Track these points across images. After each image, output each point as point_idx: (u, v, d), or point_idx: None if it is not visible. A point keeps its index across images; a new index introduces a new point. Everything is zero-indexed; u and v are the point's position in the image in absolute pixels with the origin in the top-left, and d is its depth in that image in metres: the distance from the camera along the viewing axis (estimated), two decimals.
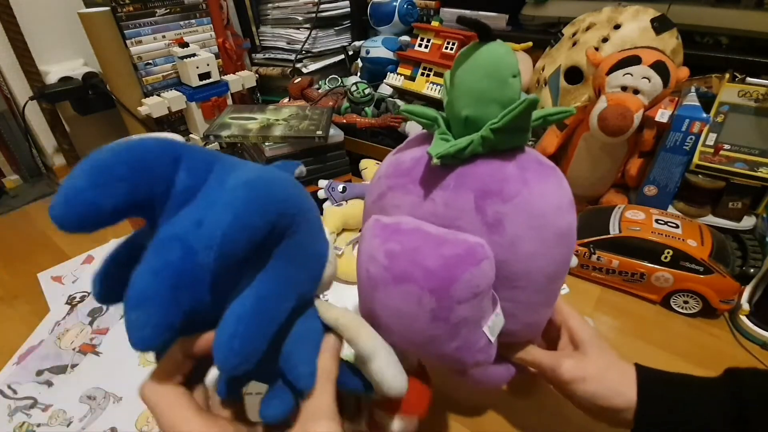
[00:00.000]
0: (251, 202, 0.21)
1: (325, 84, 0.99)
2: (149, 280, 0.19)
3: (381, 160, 0.77)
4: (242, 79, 1.02)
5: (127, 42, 0.88)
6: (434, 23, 0.87)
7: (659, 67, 0.58)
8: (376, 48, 0.96)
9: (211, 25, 1.01)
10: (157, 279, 0.19)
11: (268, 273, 0.23)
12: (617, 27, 0.65)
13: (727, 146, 0.58)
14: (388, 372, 0.28)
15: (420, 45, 0.83)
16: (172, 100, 0.91)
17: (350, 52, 1.14)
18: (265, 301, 0.22)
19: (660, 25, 0.63)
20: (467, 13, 0.90)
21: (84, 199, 0.18)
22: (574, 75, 0.71)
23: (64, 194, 0.18)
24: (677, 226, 0.54)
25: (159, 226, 0.21)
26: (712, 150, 0.59)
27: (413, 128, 0.79)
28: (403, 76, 0.83)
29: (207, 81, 0.94)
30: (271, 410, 0.26)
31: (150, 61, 0.92)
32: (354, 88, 0.87)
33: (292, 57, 1.09)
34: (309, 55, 1.11)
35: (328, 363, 0.27)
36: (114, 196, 0.19)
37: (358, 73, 1.05)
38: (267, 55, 1.17)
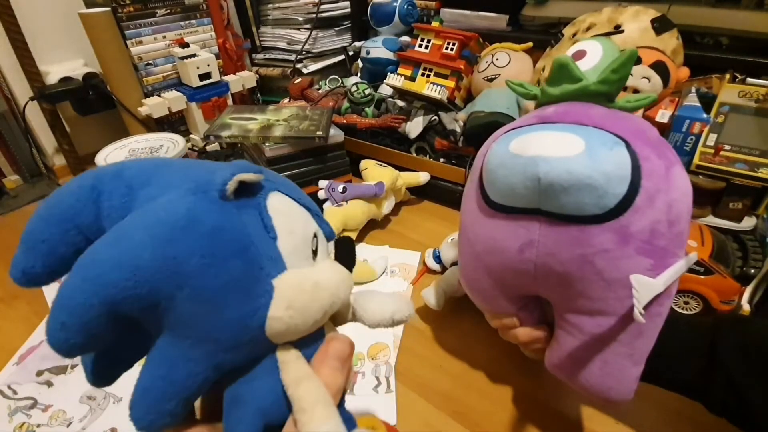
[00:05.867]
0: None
1: (326, 84, 0.99)
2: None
3: (381, 161, 0.78)
4: (242, 80, 1.02)
5: (128, 42, 0.88)
6: (434, 24, 0.87)
7: (659, 67, 0.58)
8: (377, 48, 0.96)
9: (212, 26, 1.01)
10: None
11: (156, 350, 0.20)
12: (618, 27, 0.65)
13: (727, 147, 0.58)
14: None
15: (420, 45, 0.83)
16: (172, 100, 0.91)
17: (350, 53, 1.14)
18: (155, 381, 0.20)
19: (660, 25, 0.63)
20: (468, 13, 0.90)
21: (18, 267, 0.20)
22: None
23: (12, 260, 0.20)
24: None
25: None
26: (712, 150, 0.59)
27: (414, 128, 0.79)
28: (403, 77, 0.83)
29: (207, 81, 0.94)
30: None
31: (150, 62, 0.92)
32: (354, 88, 0.87)
33: (293, 57, 1.09)
34: (309, 55, 1.11)
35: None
36: (41, 256, 0.20)
37: (359, 74, 1.05)
38: (267, 56, 1.17)
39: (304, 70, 1.10)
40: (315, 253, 0.24)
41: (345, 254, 0.26)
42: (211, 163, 0.24)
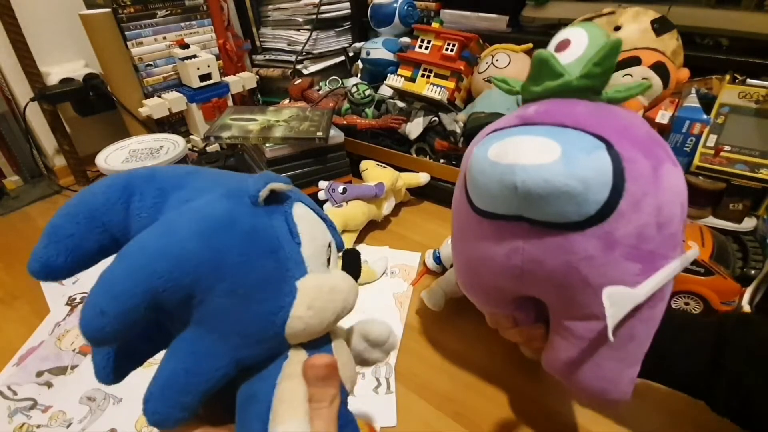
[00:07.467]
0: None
1: (326, 85, 0.99)
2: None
3: (381, 162, 0.78)
4: (243, 81, 1.02)
5: (128, 43, 0.88)
6: (434, 25, 0.87)
7: (659, 68, 0.58)
8: (377, 49, 0.96)
9: (212, 27, 1.01)
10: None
11: (181, 343, 0.21)
12: (617, 28, 0.65)
13: (727, 147, 0.58)
14: None
15: (420, 46, 0.83)
16: (172, 101, 0.91)
17: (351, 54, 1.14)
18: (177, 374, 0.21)
19: (660, 26, 0.63)
20: (468, 14, 0.91)
21: (39, 258, 0.20)
22: None
23: (33, 253, 0.20)
24: None
25: None
26: (712, 151, 0.59)
27: (414, 129, 0.79)
28: (403, 78, 0.83)
29: (207, 82, 0.95)
30: None
31: (151, 63, 0.92)
32: (354, 89, 0.87)
33: (293, 58, 1.09)
34: (309, 56, 1.11)
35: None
36: (66, 250, 0.20)
37: (359, 75, 1.05)
38: (267, 57, 1.17)
39: (305, 71, 1.10)
40: (328, 261, 0.26)
41: (352, 265, 0.28)
42: (238, 174, 0.25)
